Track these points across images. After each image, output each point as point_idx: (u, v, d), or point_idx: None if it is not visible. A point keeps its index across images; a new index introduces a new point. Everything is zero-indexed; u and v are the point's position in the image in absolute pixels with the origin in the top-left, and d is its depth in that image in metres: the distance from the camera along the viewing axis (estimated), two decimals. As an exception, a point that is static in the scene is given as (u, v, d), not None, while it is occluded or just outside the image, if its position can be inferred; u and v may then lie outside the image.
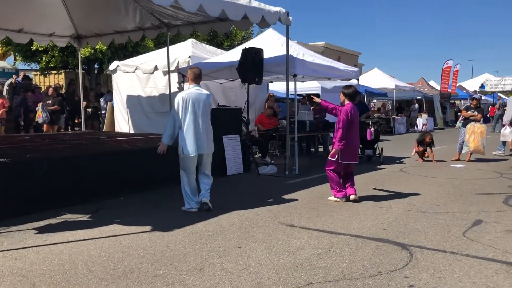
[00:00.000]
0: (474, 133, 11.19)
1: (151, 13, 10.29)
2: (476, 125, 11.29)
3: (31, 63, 20.36)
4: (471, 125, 11.34)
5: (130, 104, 13.32)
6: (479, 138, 11.16)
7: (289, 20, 8.67)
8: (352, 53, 44.21)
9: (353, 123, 6.56)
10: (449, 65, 29.30)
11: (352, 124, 6.54)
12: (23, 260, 4.13)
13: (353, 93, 6.72)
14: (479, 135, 11.14)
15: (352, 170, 6.84)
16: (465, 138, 11.34)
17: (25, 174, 5.87)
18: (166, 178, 7.75)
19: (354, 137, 6.61)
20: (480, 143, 11.15)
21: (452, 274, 3.84)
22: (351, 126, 6.53)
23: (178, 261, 4.10)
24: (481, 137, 11.17)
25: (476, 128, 11.21)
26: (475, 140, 11.15)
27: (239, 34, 25.85)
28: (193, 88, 6.00)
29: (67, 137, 10.14)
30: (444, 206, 6.38)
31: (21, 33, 11.29)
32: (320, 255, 4.29)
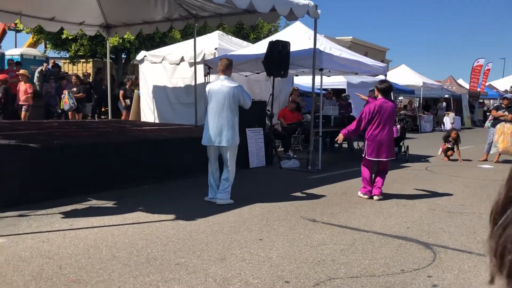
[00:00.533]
0: (504, 133, 10.93)
1: (180, 4, 10.34)
2: (506, 125, 11.01)
3: (61, 51, 20.75)
4: (500, 125, 11.07)
5: (156, 94, 13.45)
6: (509, 138, 10.89)
7: (317, 13, 8.59)
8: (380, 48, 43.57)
9: (380, 119, 6.44)
10: (480, 63, 28.61)
11: (377, 120, 6.43)
12: (50, 243, 4.23)
13: (385, 88, 6.63)
14: (509, 136, 10.87)
15: (383, 168, 6.63)
16: (494, 139, 11.08)
17: (53, 159, 6.01)
18: (190, 167, 7.84)
19: (380, 134, 6.46)
20: (509, 144, 10.88)
21: (477, 276, 3.76)
22: (375, 121, 6.43)
23: (200, 250, 4.14)
24: (511, 138, 10.90)
25: (506, 129, 10.94)
26: (505, 141, 10.89)
27: (266, 27, 25.76)
28: (219, 79, 6.01)
29: (93, 125, 10.32)
30: (470, 207, 6.26)
31: (52, 22, 11.51)
32: (342, 251, 4.27)
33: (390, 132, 6.52)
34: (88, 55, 19.60)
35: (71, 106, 13.07)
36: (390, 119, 6.52)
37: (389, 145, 6.51)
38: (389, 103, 6.57)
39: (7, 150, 5.71)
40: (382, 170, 6.63)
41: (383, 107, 6.45)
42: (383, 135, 6.47)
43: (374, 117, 6.47)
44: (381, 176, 6.61)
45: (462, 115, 27.37)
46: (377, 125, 6.47)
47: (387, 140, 6.48)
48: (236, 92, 5.88)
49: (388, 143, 6.47)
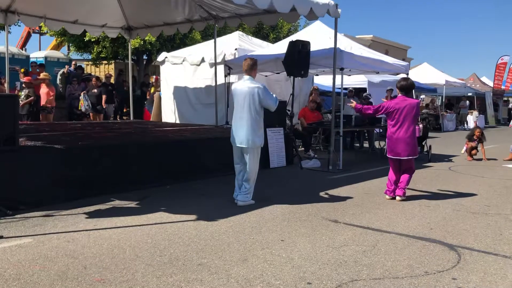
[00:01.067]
0: None
1: (200, 5, 10.41)
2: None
3: (84, 53, 21.09)
4: None
5: (177, 95, 13.57)
6: None
7: (337, 12, 8.54)
8: (401, 46, 43.03)
9: (398, 117, 6.36)
10: (504, 61, 28.02)
11: (395, 118, 6.38)
12: (75, 242, 4.31)
13: (403, 85, 6.57)
14: None
15: (407, 167, 6.48)
16: None
17: (76, 160, 6.11)
18: (211, 167, 7.88)
19: (398, 131, 6.38)
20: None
21: (504, 278, 3.69)
22: (394, 119, 6.40)
23: (222, 251, 4.16)
24: None
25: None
26: None
27: (285, 27, 25.72)
28: (243, 79, 6.02)
29: (116, 126, 10.47)
30: (495, 208, 6.14)
31: (75, 24, 11.73)
32: (364, 252, 4.24)
33: (409, 130, 6.36)
34: (110, 57, 19.88)
35: (86, 108, 13.27)
36: (409, 116, 6.35)
37: (409, 143, 6.36)
38: (408, 100, 6.44)
39: (32, 152, 5.84)
40: (406, 169, 6.51)
41: (402, 105, 6.37)
42: (401, 133, 6.36)
43: (392, 115, 6.41)
44: (405, 176, 6.49)
45: (486, 114, 26.87)
46: (395, 123, 6.41)
47: (405, 138, 6.35)
48: (257, 92, 5.80)
49: (407, 141, 6.34)
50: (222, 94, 11.62)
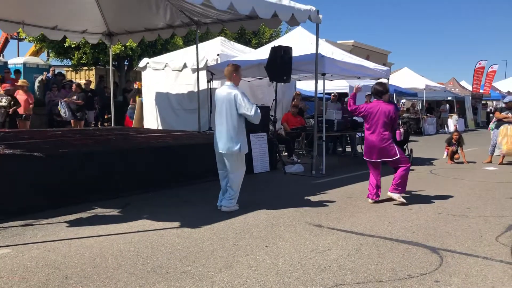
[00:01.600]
0: (507, 135, 10.91)
1: (181, 11, 10.38)
2: (510, 127, 10.99)
3: (64, 59, 20.84)
4: (504, 127, 11.06)
5: (159, 101, 13.49)
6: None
7: (319, 18, 8.60)
8: (381, 51, 43.56)
9: (371, 121, 6.46)
10: (482, 65, 28.57)
11: (369, 122, 6.49)
12: (56, 252, 4.23)
13: (374, 91, 6.72)
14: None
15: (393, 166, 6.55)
16: (498, 140, 11.07)
17: (57, 168, 6.02)
18: (193, 174, 7.84)
19: (370, 135, 6.50)
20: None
21: (485, 280, 3.74)
22: (367, 123, 6.51)
23: (206, 258, 4.13)
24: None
25: (509, 131, 10.92)
26: (508, 143, 10.87)
27: (267, 32, 25.83)
28: (224, 85, 6.02)
29: (97, 133, 10.34)
30: (475, 210, 6.23)
31: (55, 30, 11.58)
32: (348, 256, 4.25)
33: (382, 134, 6.39)
34: (90, 63, 19.69)
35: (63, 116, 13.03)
36: (381, 121, 6.39)
37: (381, 146, 6.40)
38: (381, 105, 6.48)
39: (11, 160, 5.72)
40: (395, 168, 6.56)
41: (375, 110, 6.46)
42: (373, 137, 6.46)
43: (366, 118, 6.54)
44: (397, 173, 6.48)
45: (465, 117, 27.32)
46: (369, 127, 6.53)
47: (377, 141, 6.42)
48: (233, 99, 5.74)
49: (379, 144, 6.40)
50: (205, 100, 11.59)
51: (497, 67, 31.58)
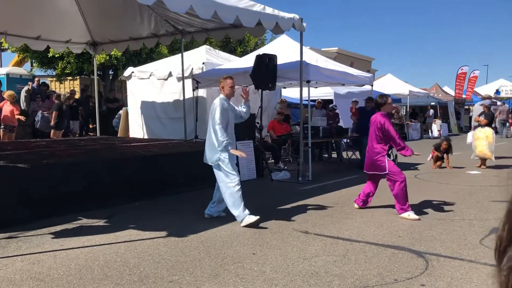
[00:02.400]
0: (479, 138, 11.24)
1: (166, 20, 10.40)
2: (482, 130, 11.34)
3: (47, 69, 20.66)
4: (477, 129, 11.43)
5: (144, 110, 13.45)
6: (484, 142, 11.23)
7: (303, 26, 8.69)
8: (365, 58, 44.00)
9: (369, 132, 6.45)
10: (464, 71, 28.99)
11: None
12: (41, 264, 4.18)
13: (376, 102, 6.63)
14: (483, 139, 11.18)
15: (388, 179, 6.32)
16: (473, 144, 11.47)
17: (41, 179, 5.96)
18: (180, 183, 7.82)
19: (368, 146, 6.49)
20: (485, 147, 11.22)
21: (470, 282, 3.79)
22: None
23: (193, 267, 4.12)
24: (487, 141, 11.23)
25: (481, 133, 11.27)
26: (480, 145, 11.22)
27: (252, 41, 25.94)
28: None
29: (82, 143, 10.26)
30: (460, 214, 6.32)
31: (38, 40, 11.49)
32: (335, 262, 4.27)
33: (372, 147, 6.32)
34: (75, 73, 19.54)
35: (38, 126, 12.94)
36: (373, 134, 6.32)
37: (372, 160, 6.32)
38: (377, 117, 6.35)
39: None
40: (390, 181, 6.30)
41: (371, 122, 6.42)
42: (367, 149, 6.50)
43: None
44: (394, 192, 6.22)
45: (448, 122, 27.68)
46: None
47: (368, 154, 6.43)
48: (212, 108, 5.73)
49: (370, 157, 6.37)
50: (191, 108, 11.59)
51: (478, 72, 32.10)
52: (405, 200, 6.14)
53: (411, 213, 6.04)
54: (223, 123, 5.62)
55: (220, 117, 5.60)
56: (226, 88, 5.88)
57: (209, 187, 8.09)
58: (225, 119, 5.67)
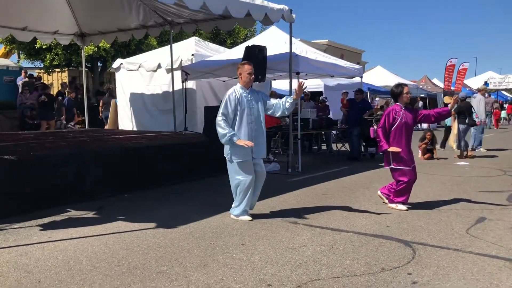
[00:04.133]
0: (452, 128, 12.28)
1: (155, 11, 10.30)
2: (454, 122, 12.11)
3: (35, 61, 20.43)
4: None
5: (133, 102, 13.36)
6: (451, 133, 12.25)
7: (292, 17, 8.66)
8: (355, 50, 44.12)
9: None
10: (452, 63, 29.13)
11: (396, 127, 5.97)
12: (29, 256, 4.16)
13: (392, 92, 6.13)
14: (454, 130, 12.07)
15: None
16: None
17: (30, 171, 5.91)
18: (169, 175, 7.80)
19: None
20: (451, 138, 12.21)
21: (456, 271, 3.84)
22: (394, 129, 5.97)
23: (182, 258, 4.12)
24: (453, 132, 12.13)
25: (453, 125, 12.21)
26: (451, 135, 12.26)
27: (242, 32, 25.86)
28: None
29: (71, 135, 10.18)
30: (447, 204, 6.38)
31: (25, 31, 11.32)
32: (323, 252, 4.31)
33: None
34: (63, 65, 19.35)
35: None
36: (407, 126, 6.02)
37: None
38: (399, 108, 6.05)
39: (-19, 163, 5.60)
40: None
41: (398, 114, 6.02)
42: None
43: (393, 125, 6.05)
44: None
45: (437, 114, 27.85)
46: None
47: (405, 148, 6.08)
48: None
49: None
50: (180, 100, 11.53)
51: (468, 65, 32.29)
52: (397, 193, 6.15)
53: (399, 204, 6.08)
54: (227, 115, 5.29)
55: (223, 109, 5.30)
56: (243, 75, 5.42)
57: (198, 179, 8.12)
58: (232, 111, 5.30)
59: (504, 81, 33.64)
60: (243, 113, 5.36)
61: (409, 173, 6.01)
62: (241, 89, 5.45)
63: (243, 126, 5.35)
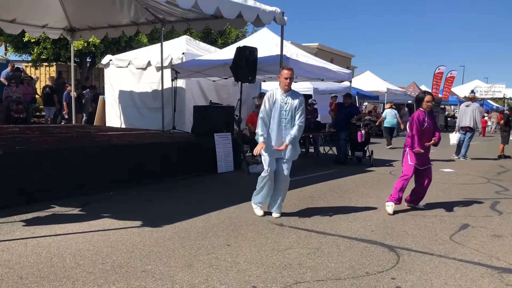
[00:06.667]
0: None
1: (146, 8, 10.26)
2: None
3: (23, 54, 20.17)
4: None
5: (122, 99, 13.27)
6: None
7: (284, 20, 8.69)
8: (345, 55, 44.31)
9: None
10: (441, 70, 29.54)
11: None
12: (11, 252, 4.10)
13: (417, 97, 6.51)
14: None
15: None
16: None
17: (14, 166, 5.83)
18: (156, 173, 7.76)
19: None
20: None
21: (438, 276, 3.88)
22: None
23: (167, 257, 4.10)
24: None
25: None
26: None
27: (233, 32, 25.84)
28: None
29: (57, 130, 10.07)
30: (432, 210, 6.45)
31: (13, 24, 11.20)
32: (308, 254, 4.32)
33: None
34: (51, 59, 19.14)
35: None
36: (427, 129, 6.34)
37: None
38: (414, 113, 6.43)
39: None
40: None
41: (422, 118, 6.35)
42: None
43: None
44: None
45: (424, 120, 28.11)
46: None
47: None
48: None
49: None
50: (169, 99, 11.49)
51: (455, 73, 32.71)
52: (397, 192, 6.30)
53: (390, 204, 6.20)
54: (266, 115, 5.52)
55: (263, 109, 5.56)
56: (281, 79, 5.61)
57: (185, 178, 8.10)
58: (267, 111, 5.52)
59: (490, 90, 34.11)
60: (275, 115, 5.55)
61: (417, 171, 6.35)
62: (279, 91, 5.63)
63: (275, 127, 5.55)
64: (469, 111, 13.07)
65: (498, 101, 43.85)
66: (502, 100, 41.11)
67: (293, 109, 5.57)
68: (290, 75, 5.59)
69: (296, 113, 5.57)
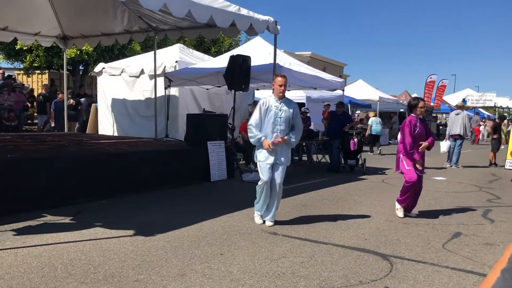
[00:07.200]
0: None
1: (140, 17, 10.27)
2: None
3: (15, 62, 20.08)
4: None
5: (115, 107, 13.24)
6: None
7: (277, 29, 8.73)
8: (338, 64, 44.59)
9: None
10: (432, 79, 29.77)
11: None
12: (0, 262, 4.05)
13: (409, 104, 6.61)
14: None
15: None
16: None
17: (5, 174, 5.78)
18: (149, 181, 7.72)
19: None
20: None
21: (432, 285, 3.89)
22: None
23: (160, 267, 4.07)
24: None
25: None
26: None
27: (227, 41, 25.92)
28: None
29: (49, 138, 10.02)
30: (424, 218, 6.47)
31: (5, 31, 11.17)
32: (302, 263, 4.31)
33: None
34: (44, 67, 19.07)
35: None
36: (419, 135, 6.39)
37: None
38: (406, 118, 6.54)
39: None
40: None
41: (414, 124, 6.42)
42: None
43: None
44: None
45: (416, 129, 28.25)
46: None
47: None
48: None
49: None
50: (162, 107, 11.48)
51: (447, 81, 32.97)
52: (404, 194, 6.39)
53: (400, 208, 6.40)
54: (254, 122, 5.60)
55: (251, 118, 5.69)
56: (275, 86, 5.67)
57: (178, 186, 8.07)
58: (259, 118, 5.59)
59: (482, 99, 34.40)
60: (270, 121, 5.59)
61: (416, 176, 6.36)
62: (273, 99, 5.67)
63: (268, 134, 5.59)
64: (459, 119, 13.20)
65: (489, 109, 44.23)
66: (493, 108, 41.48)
67: (289, 117, 5.63)
68: (284, 82, 5.65)
69: (294, 121, 5.69)
